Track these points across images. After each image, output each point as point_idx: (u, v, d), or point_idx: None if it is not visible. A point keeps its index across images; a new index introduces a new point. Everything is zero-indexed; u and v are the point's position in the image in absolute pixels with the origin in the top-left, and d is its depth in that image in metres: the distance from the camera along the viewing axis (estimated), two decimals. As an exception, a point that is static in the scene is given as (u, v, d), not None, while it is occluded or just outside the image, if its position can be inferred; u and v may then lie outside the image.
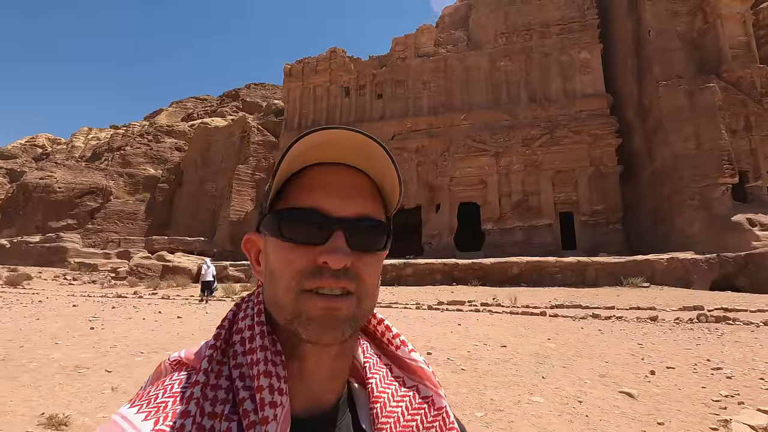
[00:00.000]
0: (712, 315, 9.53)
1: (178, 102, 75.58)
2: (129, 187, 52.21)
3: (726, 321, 9.16)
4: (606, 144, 29.89)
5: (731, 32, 26.15)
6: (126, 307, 12.31)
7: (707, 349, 6.44)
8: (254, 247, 0.73)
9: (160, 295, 18.91)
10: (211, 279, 15.94)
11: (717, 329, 8.16)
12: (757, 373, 4.95)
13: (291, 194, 0.65)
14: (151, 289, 24.16)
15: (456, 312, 11.64)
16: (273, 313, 0.64)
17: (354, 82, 38.16)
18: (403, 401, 0.69)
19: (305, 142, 0.61)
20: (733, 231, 22.01)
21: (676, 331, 8.09)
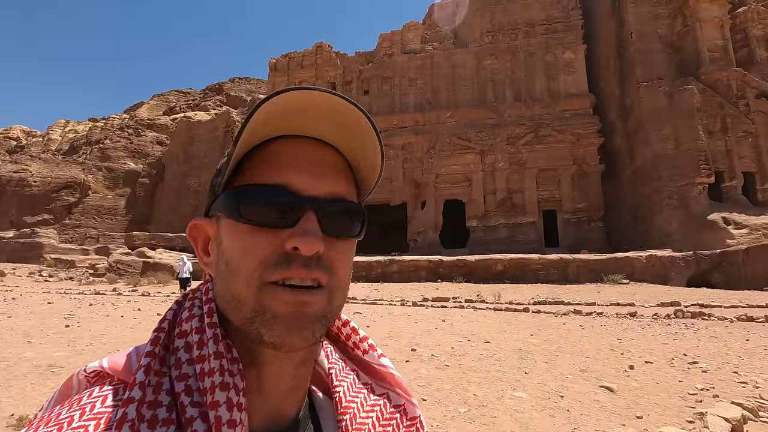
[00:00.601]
0: (688, 311, 9.79)
1: (159, 95, 73.99)
2: (108, 182, 50.90)
3: (701, 317, 9.42)
4: (588, 143, 30.42)
5: (709, 36, 26.84)
6: (104, 304, 11.98)
7: (684, 343, 6.60)
8: (202, 235, 0.62)
9: (140, 292, 18.51)
10: (187, 275, 15.69)
11: (693, 324, 8.38)
12: (731, 367, 5.09)
13: (252, 170, 0.55)
14: (131, 286, 23.62)
15: (441, 309, 11.70)
16: (227, 311, 0.54)
17: (340, 77, 37.91)
18: (373, 411, 0.62)
19: (275, 104, 0.51)
20: (709, 229, 22.67)
21: (654, 327, 8.29)
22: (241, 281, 0.52)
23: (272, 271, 0.51)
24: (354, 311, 10.31)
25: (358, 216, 0.59)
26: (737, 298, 13.62)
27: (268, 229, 0.52)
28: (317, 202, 0.54)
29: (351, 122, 0.56)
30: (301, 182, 0.54)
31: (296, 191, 0.54)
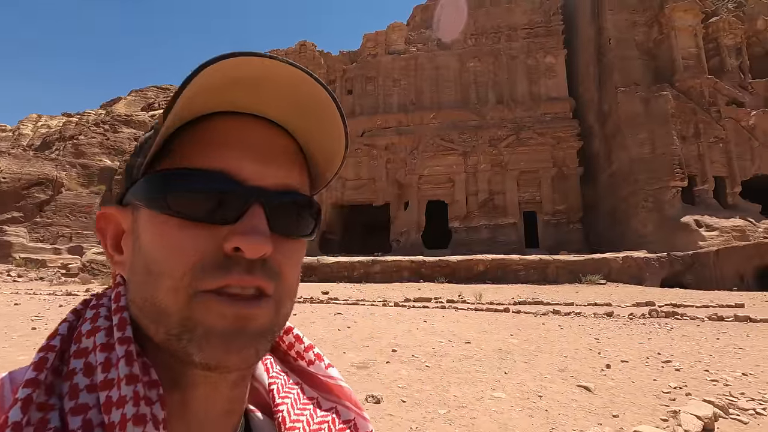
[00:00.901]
0: (662, 311, 10.06)
1: (137, 91, 72.11)
2: (83, 179, 49.30)
3: (675, 316, 9.69)
4: (568, 146, 31.02)
5: (684, 44, 27.71)
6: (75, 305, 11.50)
7: (658, 343, 6.76)
8: (112, 227, 0.49)
9: (114, 293, 17.95)
10: None
11: (667, 324, 8.61)
12: (702, 365, 5.24)
13: (184, 151, 0.44)
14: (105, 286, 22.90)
15: (422, 309, 11.71)
16: (144, 324, 0.43)
17: (324, 76, 37.63)
18: (321, 429, 0.53)
19: (217, 71, 0.40)
20: (682, 231, 23.39)
21: (630, 326, 8.48)
22: (164, 288, 0.41)
23: (207, 277, 0.40)
24: (335, 312, 10.23)
25: (312, 212, 0.49)
26: (708, 298, 14.07)
27: (202, 225, 0.42)
28: (265, 195, 0.44)
29: (312, 101, 0.47)
30: (246, 169, 0.44)
31: (240, 180, 0.43)
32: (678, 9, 27.67)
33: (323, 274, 25.46)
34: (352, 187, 34.58)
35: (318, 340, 6.64)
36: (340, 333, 7.36)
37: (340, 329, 7.70)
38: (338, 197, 34.44)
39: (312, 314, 9.71)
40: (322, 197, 34.71)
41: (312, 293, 17.39)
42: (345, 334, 7.27)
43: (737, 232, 23.03)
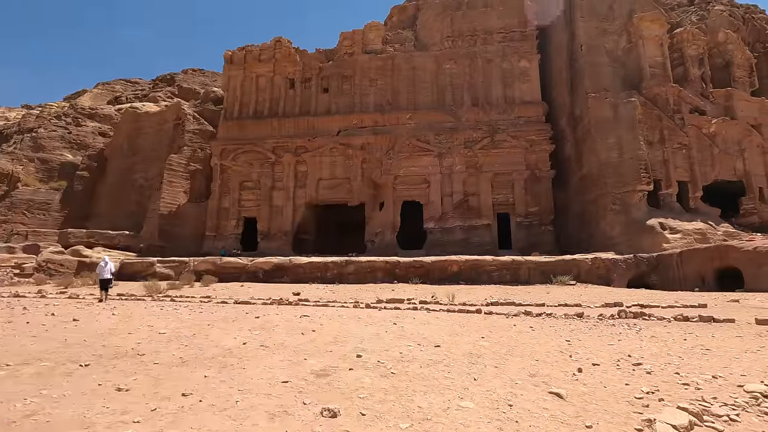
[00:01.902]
0: (630, 311, 10.12)
1: (105, 83, 68.90)
2: (41, 174, 46.69)
3: (642, 317, 9.76)
4: (541, 150, 31.53)
5: (651, 53, 28.63)
6: (14, 308, 10.61)
7: (628, 344, 6.70)
8: None
9: (68, 294, 16.85)
10: (109, 276, 15.19)
11: (635, 325, 8.62)
12: (672, 368, 5.14)
13: None
14: (62, 287, 21.61)
15: (394, 311, 11.41)
16: None
17: (299, 74, 36.95)
18: None
19: None
20: (648, 234, 24.07)
21: (599, 327, 8.44)
22: None
23: None
24: (302, 314, 9.78)
25: None
26: (673, 298, 14.40)
27: None
28: None
29: None
30: None
31: None
32: (645, 19, 28.57)
33: (295, 275, 24.86)
34: (327, 186, 34.04)
35: (278, 346, 6.21)
36: (304, 337, 6.95)
37: (304, 333, 7.29)
38: (312, 197, 33.83)
39: (276, 317, 9.22)
40: (296, 196, 34.03)
41: (282, 294, 16.83)
42: (309, 338, 6.87)
43: (699, 235, 23.87)
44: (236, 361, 5.33)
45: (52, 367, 4.93)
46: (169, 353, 5.70)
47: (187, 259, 26.78)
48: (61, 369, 4.85)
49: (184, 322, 8.33)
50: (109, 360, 5.31)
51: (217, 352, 5.80)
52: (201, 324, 8.13)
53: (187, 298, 15.52)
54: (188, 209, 36.40)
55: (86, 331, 7.06)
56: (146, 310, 10.63)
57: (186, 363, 5.24)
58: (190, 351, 5.83)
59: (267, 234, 33.70)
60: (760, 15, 36.81)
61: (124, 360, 5.33)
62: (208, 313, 10.11)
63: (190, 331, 7.34)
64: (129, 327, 7.70)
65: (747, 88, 31.30)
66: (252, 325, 8.05)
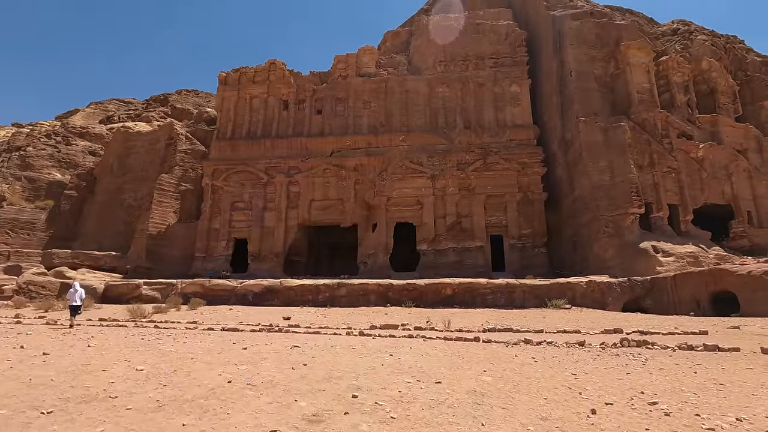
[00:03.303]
0: (633, 339, 9.83)
1: (97, 103, 68.70)
2: (28, 193, 45.77)
3: (646, 345, 9.47)
4: (533, 172, 31.74)
5: (638, 79, 29.32)
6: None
7: (637, 378, 6.38)
8: None
9: (46, 319, 16.08)
10: (78, 303, 14.98)
11: (640, 354, 8.31)
12: (691, 408, 4.82)
13: None
14: (42, 311, 20.72)
15: (389, 339, 10.97)
16: None
17: (293, 95, 37.14)
18: None
19: None
20: (641, 257, 24.02)
21: (604, 357, 8.11)
22: None
23: None
24: (292, 344, 9.29)
25: None
26: (672, 324, 14.16)
27: None
28: None
29: None
30: None
31: None
32: (632, 47, 29.38)
33: (286, 297, 24.23)
34: (319, 207, 33.73)
35: (266, 384, 5.76)
36: (295, 372, 6.50)
37: (295, 367, 6.83)
38: (305, 218, 33.45)
39: (265, 347, 8.73)
40: (288, 217, 33.62)
41: (272, 319, 16.25)
42: (300, 373, 6.42)
43: (691, 258, 23.88)
44: (219, 405, 4.87)
45: (8, 416, 4.41)
46: (145, 395, 5.21)
47: (175, 281, 26.03)
48: (19, 419, 4.34)
49: (165, 355, 7.81)
50: (76, 405, 4.79)
51: (198, 392, 5.32)
52: (184, 357, 7.62)
53: (172, 323, 14.88)
54: (177, 230, 35.71)
55: (56, 368, 6.49)
56: (126, 339, 10.04)
57: (163, 407, 4.75)
58: (168, 392, 5.34)
59: (258, 255, 33.08)
60: (740, 45, 38.17)
61: (93, 405, 4.82)
62: (192, 343, 9.56)
63: (171, 366, 6.84)
64: (104, 362, 7.16)
65: (731, 115, 32.09)
66: (239, 358, 7.57)
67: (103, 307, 22.27)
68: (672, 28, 38.78)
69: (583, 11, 32.63)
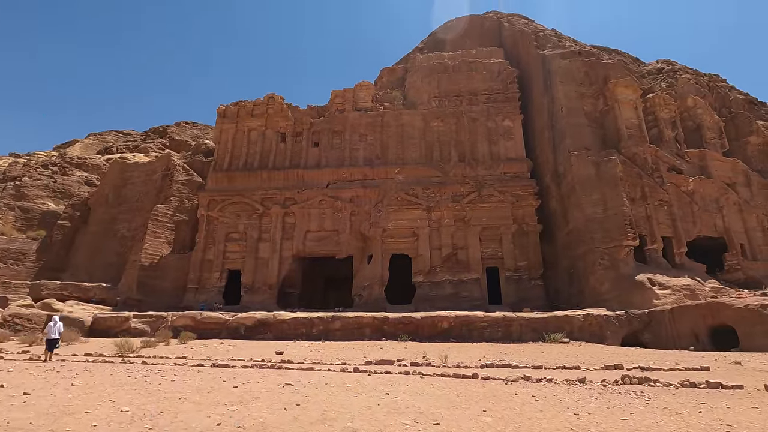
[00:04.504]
0: (634, 377, 9.62)
1: (96, 134, 69.47)
2: (20, 223, 45.34)
3: (648, 383, 9.25)
4: (527, 204, 32.05)
5: (626, 115, 30.25)
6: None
7: (641, 418, 6.18)
8: None
9: (29, 355, 15.52)
10: (56, 337, 15.31)
11: (642, 392, 8.11)
12: (698, 452, 4.65)
13: None
14: (25, 345, 20.06)
15: (385, 375, 10.65)
16: None
17: (291, 128, 37.82)
18: None
19: None
20: (638, 289, 23.91)
21: (606, 396, 7.90)
22: None
23: None
24: (285, 382, 8.98)
25: None
26: (672, 359, 13.91)
27: None
28: None
29: None
30: None
31: None
32: (619, 84, 30.49)
33: (279, 331, 23.68)
34: (315, 239, 33.61)
35: (257, 426, 5.50)
36: (287, 414, 6.24)
37: (288, 408, 6.56)
38: (300, 249, 33.25)
39: (257, 385, 8.42)
40: (283, 248, 33.41)
41: (265, 354, 15.79)
42: (293, 414, 6.16)
43: (688, 291, 23.81)
44: (208, 448, 4.64)
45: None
46: (129, 440, 4.95)
47: (165, 314, 25.43)
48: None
49: (152, 395, 7.50)
50: (56, 452, 4.54)
51: (186, 436, 5.08)
52: (171, 397, 7.31)
53: (161, 359, 14.41)
54: (170, 261, 35.27)
55: (36, 409, 6.17)
56: (112, 377, 9.66)
57: (148, 454, 4.51)
58: (154, 436, 5.09)
59: (251, 287, 32.58)
60: (723, 83, 39.79)
61: (74, 449, 4.56)
62: (181, 380, 9.22)
63: (158, 407, 6.55)
64: (87, 403, 6.84)
65: (718, 149, 32.99)
66: (229, 397, 7.27)
67: (90, 341, 21.61)
68: (657, 68, 40.47)
69: (572, 51, 34.06)
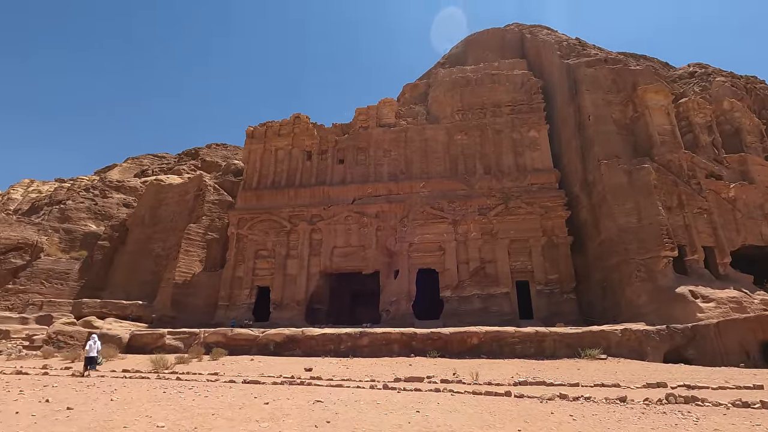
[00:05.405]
0: (680, 395, 9.08)
1: (133, 158, 73.21)
2: (64, 244, 47.86)
3: (695, 402, 8.72)
4: (557, 216, 31.26)
5: (658, 121, 29.28)
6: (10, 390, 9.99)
7: (688, 441, 5.82)
8: None
9: (72, 370, 16.21)
10: (94, 355, 16.74)
11: (690, 413, 7.64)
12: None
13: None
14: (68, 361, 20.99)
15: (414, 393, 10.49)
16: None
17: (316, 146, 38.66)
18: None
19: None
20: (679, 302, 22.71)
21: (649, 416, 7.49)
22: None
23: None
24: (315, 399, 9.01)
25: None
26: (721, 377, 13.07)
27: None
28: None
29: None
30: None
31: None
32: (649, 90, 29.65)
33: (308, 347, 23.81)
34: (341, 254, 33.87)
35: (289, 443, 5.55)
36: (318, 431, 6.25)
37: (318, 425, 6.57)
38: (327, 265, 33.54)
39: (287, 402, 8.48)
40: (311, 264, 33.83)
41: (294, 370, 15.89)
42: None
43: (734, 304, 22.44)
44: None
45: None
46: (167, 454, 5.09)
47: (198, 331, 26.07)
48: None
49: (186, 410, 7.68)
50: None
51: (220, 451, 5.16)
52: (205, 413, 7.47)
53: (193, 375, 14.74)
54: (202, 278, 36.29)
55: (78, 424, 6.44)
56: (148, 393, 9.96)
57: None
58: (190, 450, 5.20)
59: (280, 304, 33.03)
60: (761, 84, 38.02)
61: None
62: (213, 397, 9.39)
63: (192, 422, 6.70)
64: (126, 418, 7.08)
65: (760, 153, 31.35)
66: (260, 414, 7.36)
67: (128, 357, 22.37)
68: (689, 71, 39.18)
69: (597, 59, 33.51)
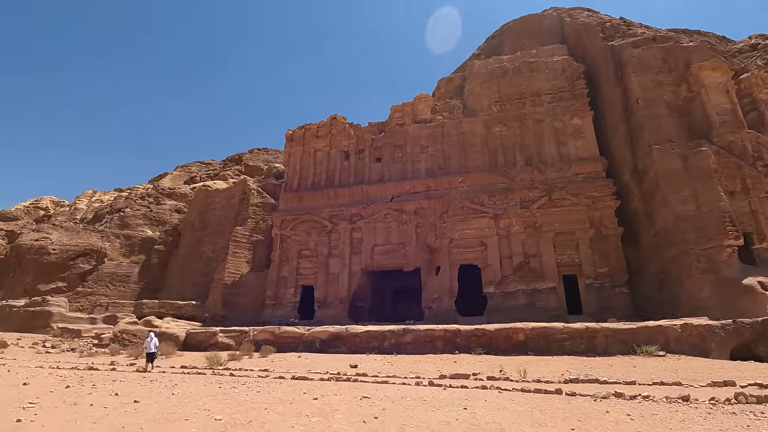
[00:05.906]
0: (751, 395, 8.41)
1: (183, 166, 77.42)
2: (125, 249, 51.48)
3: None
4: (605, 206, 29.76)
5: (716, 100, 27.09)
6: (84, 385, 10.92)
7: (762, 444, 5.39)
8: None
9: (136, 367, 17.43)
10: (154, 351, 17.92)
11: (764, 414, 7.06)
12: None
13: None
14: (132, 357, 22.55)
15: (461, 390, 10.41)
16: None
17: (354, 146, 39.09)
18: None
19: None
20: (746, 295, 21.00)
21: (717, 416, 7.00)
22: None
23: None
24: (362, 395, 9.16)
25: None
26: (799, 376, 11.95)
27: None
28: None
29: None
30: None
31: None
32: (705, 68, 27.50)
33: (352, 344, 24.19)
34: (382, 252, 34.10)
35: (340, 438, 5.70)
36: (366, 426, 6.36)
37: (366, 420, 6.69)
38: (368, 263, 33.90)
39: (335, 398, 8.69)
40: (352, 262, 34.35)
41: (340, 367, 16.23)
42: (372, 428, 6.26)
43: (812, 296, 20.43)
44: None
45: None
46: (224, 447, 5.38)
47: (247, 329, 27.18)
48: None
49: (240, 405, 8.06)
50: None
51: (275, 446, 5.39)
52: (258, 407, 7.81)
53: (245, 371, 15.41)
54: (249, 279, 37.80)
55: (145, 416, 6.96)
56: (205, 388, 10.55)
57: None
58: (246, 444, 5.47)
59: (323, 302, 33.78)
60: (839, 52, 34.15)
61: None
62: (265, 392, 9.80)
63: (246, 416, 7.03)
64: (186, 411, 7.54)
65: (839, 129, 28.21)
66: (310, 409, 7.59)
67: (185, 354, 23.74)
68: (750, 44, 35.95)
69: (644, 38, 31.52)
